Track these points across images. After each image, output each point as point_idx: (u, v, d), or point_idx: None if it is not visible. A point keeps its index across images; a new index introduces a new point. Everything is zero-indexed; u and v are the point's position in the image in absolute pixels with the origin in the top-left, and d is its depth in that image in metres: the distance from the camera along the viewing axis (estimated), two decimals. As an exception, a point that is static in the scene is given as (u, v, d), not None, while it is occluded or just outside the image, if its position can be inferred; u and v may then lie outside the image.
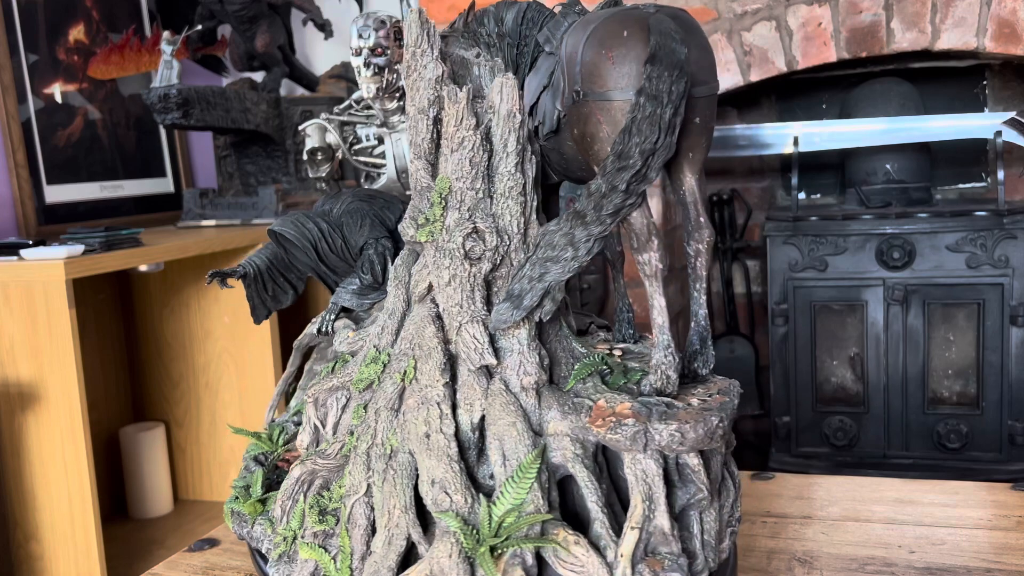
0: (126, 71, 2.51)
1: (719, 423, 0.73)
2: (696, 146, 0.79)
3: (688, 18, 0.78)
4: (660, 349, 0.78)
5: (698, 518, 0.75)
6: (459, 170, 0.79)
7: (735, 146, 2.44)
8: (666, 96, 0.72)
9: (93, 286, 2.28)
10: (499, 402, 0.77)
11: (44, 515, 1.78)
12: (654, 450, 0.73)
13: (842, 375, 2.38)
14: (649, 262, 0.77)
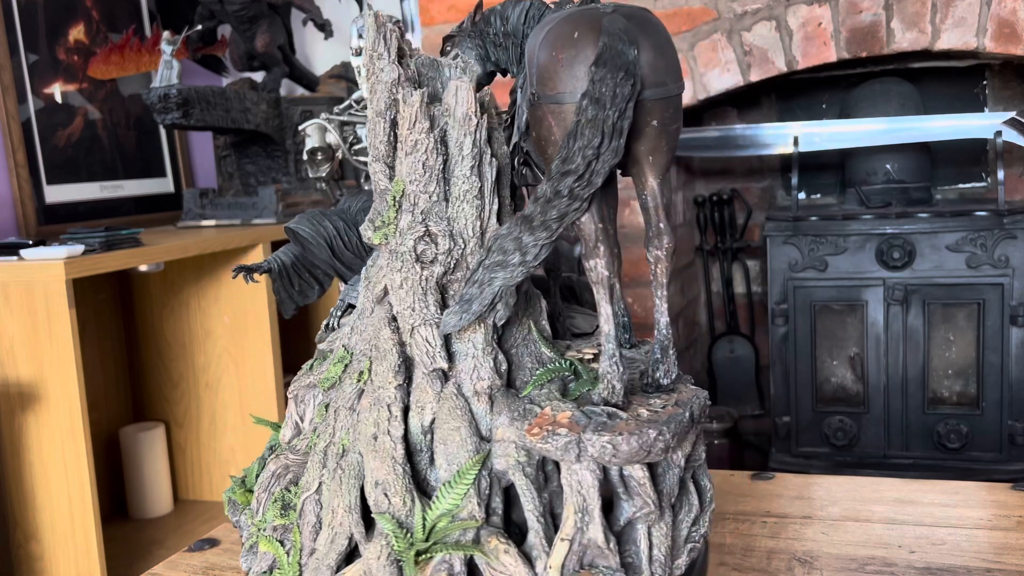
0: (126, 71, 2.51)
1: (657, 436, 0.71)
2: (656, 150, 0.76)
3: (646, 17, 0.77)
4: (605, 358, 0.76)
5: (645, 532, 0.74)
6: (412, 173, 0.78)
7: (735, 146, 2.44)
8: (609, 99, 0.71)
9: (93, 286, 2.28)
10: (448, 406, 0.77)
11: (44, 515, 1.78)
12: (589, 461, 0.72)
13: (842, 375, 2.38)
14: (595, 268, 0.76)
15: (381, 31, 0.80)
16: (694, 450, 0.80)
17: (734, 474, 1.24)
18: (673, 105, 0.76)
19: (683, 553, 0.77)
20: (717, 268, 2.88)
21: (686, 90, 2.37)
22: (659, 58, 0.74)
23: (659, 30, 0.76)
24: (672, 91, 0.75)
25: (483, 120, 0.78)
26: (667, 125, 0.75)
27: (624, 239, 2.59)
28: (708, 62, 2.36)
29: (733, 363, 2.85)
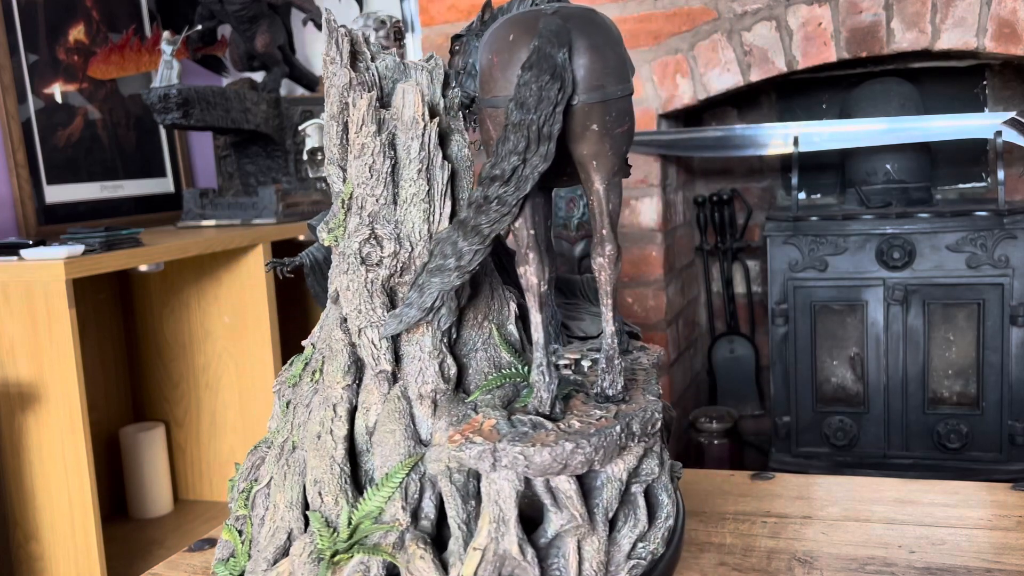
0: (126, 71, 2.51)
1: (575, 449, 0.69)
2: (599, 154, 0.74)
3: (589, 18, 0.74)
4: (534, 367, 0.76)
5: (575, 547, 0.72)
6: (360, 176, 0.79)
7: (735, 146, 2.44)
8: (534, 103, 0.70)
9: (93, 286, 2.28)
10: (388, 408, 0.78)
11: (44, 515, 1.78)
12: (503, 471, 0.71)
13: (842, 375, 2.38)
14: (524, 275, 0.75)
15: (333, 36, 0.80)
16: (642, 463, 0.77)
17: (734, 474, 1.24)
18: (616, 108, 0.73)
19: (623, 570, 0.75)
20: (717, 268, 2.88)
21: (687, 90, 2.38)
22: (597, 60, 0.72)
23: (601, 31, 0.74)
24: (612, 94, 0.73)
25: (432, 124, 0.79)
26: (609, 129, 0.73)
27: (624, 239, 2.58)
28: (708, 62, 2.36)
29: (733, 363, 2.85)
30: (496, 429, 0.71)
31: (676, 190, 2.65)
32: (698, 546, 1.04)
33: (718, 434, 2.61)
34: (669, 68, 2.39)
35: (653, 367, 0.90)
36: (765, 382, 2.81)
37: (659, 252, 2.46)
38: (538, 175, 0.72)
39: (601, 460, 0.71)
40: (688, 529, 1.08)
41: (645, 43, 2.40)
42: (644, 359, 0.91)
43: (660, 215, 2.45)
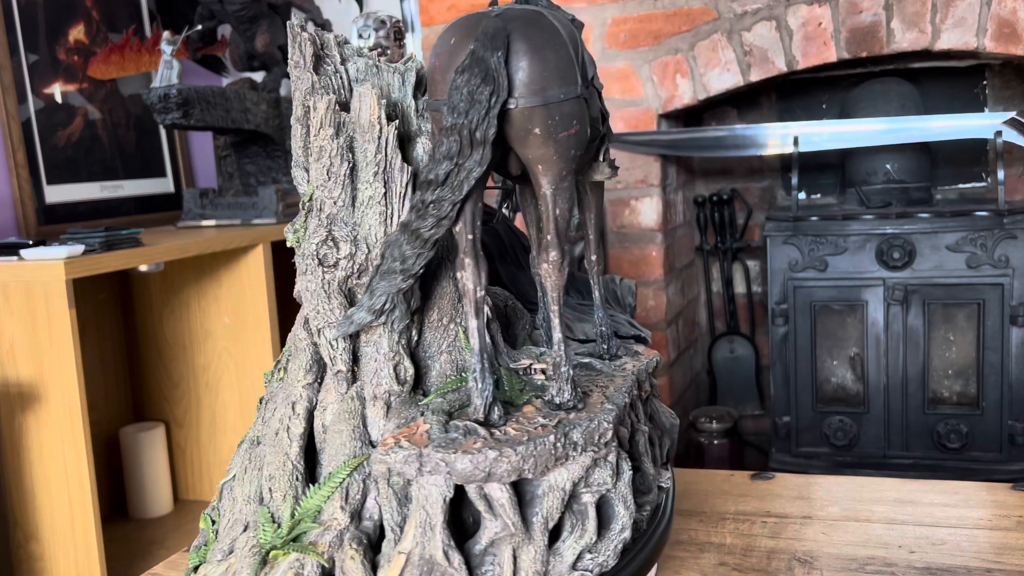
0: (126, 71, 2.51)
1: (499, 458, 0.69)
2: (543, 159, 0.73)
3: (533, 19, 0.74)
4: (469, 374, 0.76)
5: (510, 555, 0.72)
6: (319, 178, 0.80)
7: (735, 146, 2.44)
8: (465, 107, 0.70)
9: (93, 286, 2.28)
10: (341, 408, 0.79)
11: (44, 515, 1.78)
12: (427, 477, 0.71)
13: (842, 375, 2.38)
14: (461, 280, 0.75)
15: (296, 40, 0.81)
16: (592, 473, 0.76)
17: (734, 474, 1.24)
18: (559, 112, 0.72)
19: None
20: (717, 268, 2.88)
21: (687, 90, 2.38)
22: (536, 63, 0.72)
23: (543, 33, 0.73)
24: (552, 98, 0.72)
25: (390, 127, 0.79)
26: (553, 133, 0.72)
27: (624, 239, 2.59)
28: (708, 62, 2.36)
29: (733, 363, 2.85)
30: (427, 434, 0.72)
31: (676, 190, 2.65)
32: (698, 546, 1.04)
33: (718, 434, 2.61)
34: (669, 68, 2.39)
35: (638, 374, 0.89)
36: (765, 382, 2.81)
37: (659, 252, 2.46)
38: (474, 179, 0.71)
39: (533, 469, 0.70)
40: (688, 529, 1.08)
41: (645, 43, 2.40)
42: (630, 366, 0.89)
43: (660, 215, 2.45)
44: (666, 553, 1.03)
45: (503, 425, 0.73)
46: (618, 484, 0.77)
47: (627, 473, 0.78)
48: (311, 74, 0.81)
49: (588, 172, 0.89)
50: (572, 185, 0.75)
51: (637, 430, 0.86)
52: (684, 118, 2.65)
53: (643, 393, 0.91)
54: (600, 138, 0.87)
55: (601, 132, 0.86)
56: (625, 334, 1.02)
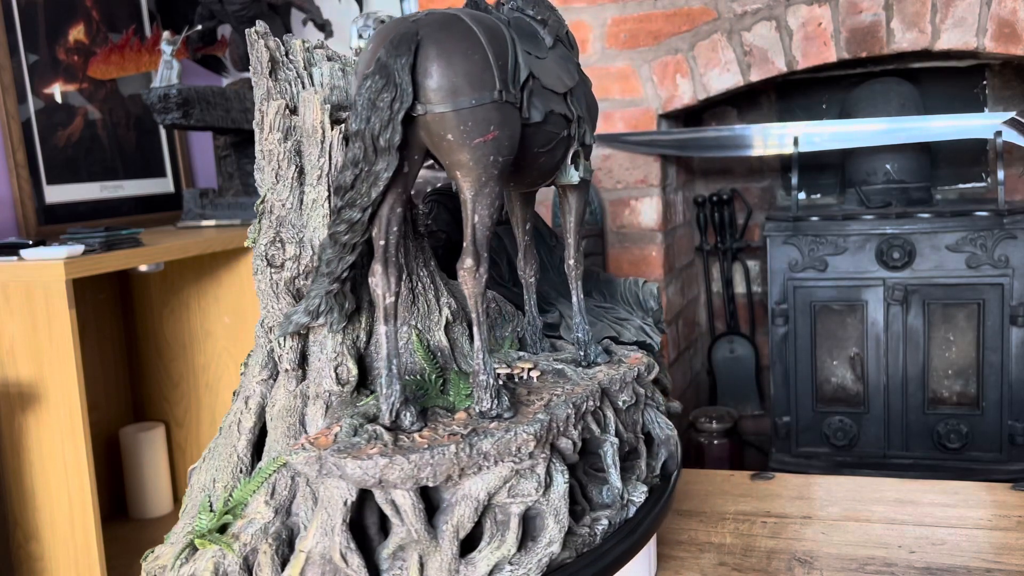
0: (126, 71, 2.51)
1: (388, 465, 0.69)
2: (460, 165, 0.73)
3: (445, 24, 0.73)
4: (377, 379, 0.76)
5: (416, 561, 0.72)
6: (268, 181, 0.83)
7: (735, 146, 2.44)
8: (366, 113, 0.70)
9: (93, 286, 2.28)
10: (283, 405, 0.81)
11: (44, 515, 1.78)
12: (333, 479, 0.72)
13: (842, 375, 2.37)
14: (371, 285, 0.76)
15: (254, 48, 0.84)
16: (518, 484, 0.75)
17: (734, 474, 1.24)
18: (473, 118, 0.72)
19: None
20: (717, 268, 2.88)
21: (687, 90, 2.38)
22: (447, 68, 0.71)
23: (456, 39, 0.73)
24: (463, 104, 0.71)
25: (335, 131, 0.81)
26: (467, 139, 0.72)
27: (624, 239, 2.59)
28: (708, 62, 2.36)
29: (733, 363, 2.85)
30: (335, 437, 0.72)
31: (676, 190, 2.65)
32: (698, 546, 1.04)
33: (718, 434, 2.61)
34: (669, 68, 2.39)
35: (611, 383, 0.87)
36: (765, 382, 2.81)
37: (659, 252, 2.46)
38: (383, 185, 0.72)
39: (432, 477, 0.70)
40: (688, 529, 1.08)
41: (645, 43, 2.40)
42: (603, 374, 0.88)
43: (660, 215, 2.45)
44: (666, 553, 1.03)
45: (417, 431, 0.74)
46: (549, 496, 0.76)
47: (561, 485, 0.77)
48: (267, 79, 0.84)
49: (557, 176, 0.88)
50: (496, 192, 0.75)
51: (604, 440, 0.85)
52: (684, 118, 2.65)
53: (622, 403, 0.89)
54: (569, 141, 0.86)
55: (564, 135, 0.84)
56: (628, 340, 1.01)
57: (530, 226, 0.94)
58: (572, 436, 0.80)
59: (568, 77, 0.86)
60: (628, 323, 1.04)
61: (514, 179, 0.85)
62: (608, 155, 2.46)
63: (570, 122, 0.85)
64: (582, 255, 0.94)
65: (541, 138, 0.81)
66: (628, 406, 0.90)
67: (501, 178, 0.75)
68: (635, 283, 1.11)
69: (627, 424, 0.91)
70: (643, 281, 1.11)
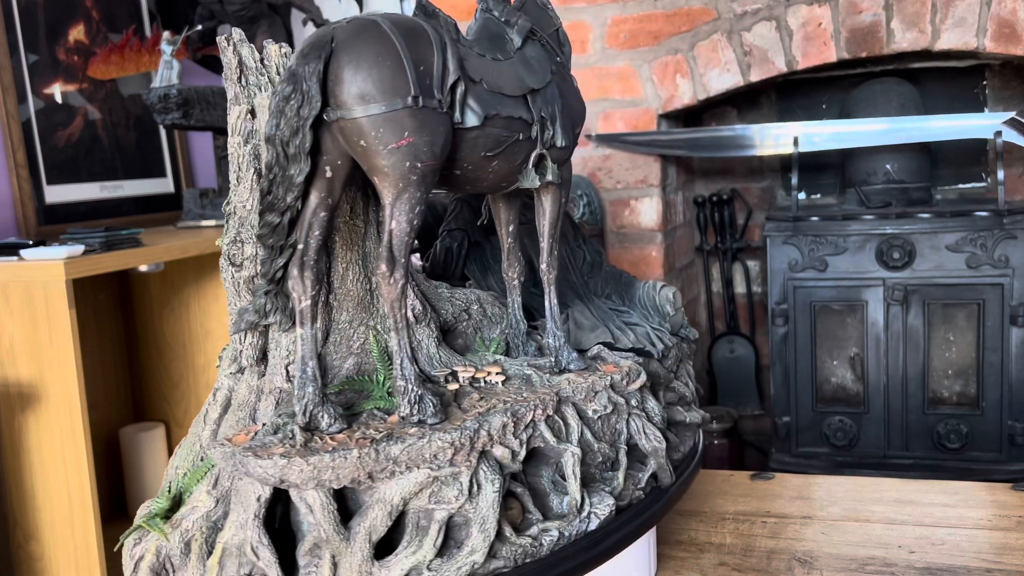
0: (126, 71, 2.51)
1: (288, 465, 0.71)
2: (376, 170, 0.74)
3: (360, 30, 0.74)
4: (295, 380, 0.77)
5: (330, 560, 0.74)
6: (231, 182, 0.86)
7: (735, 146, 2.44)
8: (276, 120, 0.72)
9: (93, 286, 2.28)
10: (239, 399, 0.84)
11: (44, 515, 1.77)
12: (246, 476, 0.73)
13: (842, 375, 2.37)
14: (288, 286, 0.77)
15: (224, 54, 0.85)
16: (440, 491, 0.76)
17: (734, 474, 1.24)
18: (385, 124, 0.72)
19: None
20: (717, 268, 2.88)
21: (687, 90, 2.38)
22: (356, 74, 0.72)
23: (369, 44, 0.73)
24: (376, 109, 0.72)
25: None
26: (382, 144, 0.72)
27: (624, 239, 2.58)
28: (708, 62, 2.36)
29: (733, 363, 2.85)
30: (255, 434, 0.75)
31: (676, 190, 2.65)
32: (698, 546, 1.04)
33: (718, 434, 2.61)
34: (669, 68, 2.39)
35: (575, 392, 0.86)
36: (765, 382, 2.81)
37: (659, 252, 2.46)
38: (297, 190, 0.73)
39: (334, 479, 0.71)
40: (688, 529, 1.08)
41: (645, 43, 2.40)
42: (566, 383, 0.87)
43: (660, 215, 2.45)
44: (666, 553, 1.03)
45: (336, 432, 0.75)
46: (477, 504, 0.76)
47: (490, 494, 0.76)
48: (235, 85, 0.85)
49: (519, 179, 0.87)
50: (417, 197, 0.75)
51: (564, 450, 0.84)
52: (684, 118, 2.65)
53: (593, 412, 0.88)
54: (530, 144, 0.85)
55: (519, 138, 0.83)
56: (625, 346, 0.98)
57: (513, 228, 0.93)
58: (511, 444, 0.79)
59: (533, 78, 0.85)
60: (635, 328, 1.02)
61: (469, 184, 0.85)
62: (608, 155, 2.46)
63: (529, 125, 0.84)
64: (556, 260, 0.93)
65: (486, 142, 0.80)
66: (602, 415, 0.89)
67: (422, 184, 0.75)
68: (652, 287, 1.09)
69: (600, 434, 0.88)
70: (661, 285, 1.08)
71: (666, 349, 1.02)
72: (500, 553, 0.76)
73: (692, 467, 1.00)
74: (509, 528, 0.77)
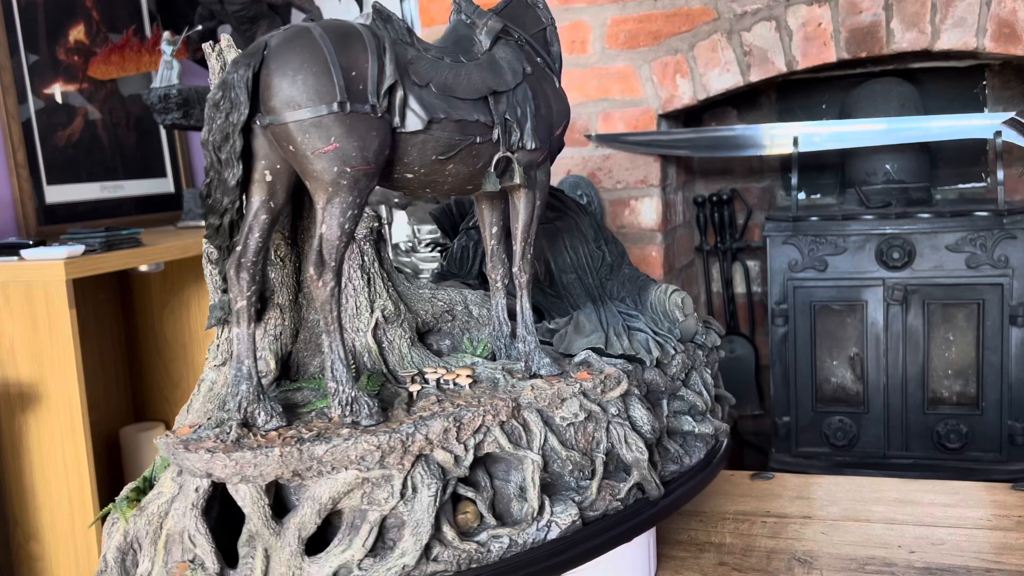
0: (126, 71, 2.51)
1: (211, 460, 0.74)
2: (307, 175, 0.75)
3: (291, 37, 0.75)
4: (229, 378, 0.79)
5: (263, 554, 0.75)
6: None
7: (735, 146, 2.44)
8: (208, 125, 0.74)
9: (93, 286, 2.28)
10: (211, 392, 0.87)
11: (44, 515, 1.78)
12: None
13: (842, 375, 2.37)
14: (229, 291, 0.79)
15: (208, 58, 0.87)
16: (373, 492, 0.76)
17: (734, 474, 1.24)
18: (312, 129, 0.73)
19: None
20: (717, 268, 2.88)
21: (687, 90, 2.38)
22: (282, 81, 0.73)
23: (299, 51, 0.74)
24: (302, 115, 0.73)
25: None
26: (308, 150, 0.73)
27: (624, 239, 2.58)
28: (708, 62, 2.36)
29: (733, 363, 2.85)
30: (198, 427, 0.78)
31: (676, 190, 2.65)
32: (698, 546, 1.04)
33: (718, 434, 2.60)
34: (669, 68, 2.39)
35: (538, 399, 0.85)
36: (765, 382, 2.81)
37: (659, 252, 2.46)
38: (233, 193, 0.75)
39: (258, 476, 0.74)
40: (688, 529, 1.08)
41: (645, 43, 2.40)
42: (528, 390, 0.86)
43: (660, 215, 2.45)
44: (666, 553, 1.03)
45: (273, 429, 0.77)
46: (413, 507, 0.76)
47: (426, 498, 0.76)
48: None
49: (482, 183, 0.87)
50: (349, 202, 0.76)
51: (524, 457, 0.83)
52: (684, 118, 2.65)
53: (561, 419, 0.86)
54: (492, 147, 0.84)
55: (475, 141, 0.83)
56: (615, 353, 0.95)
57: (496, 230, 0.93)
58: (454, 449, 0.79)
59: (498, 80, 0.85)
60: (636, 334, 1.00)
61: (428, 187, 0.85)
62: (608, 155, 2.46)
63: (490, 128, 0.84)
64: (528, 263, 0.92)
65: (435, 146, 0.80)
66: (573, 423, 0.87)
67: (354, 189, 0.76)
68: (664, 292, 1.05)
69: (571, 442, 0.87)
70: (672, 290, 1.05)
71: (664, 357, 0.98)
72: (441, 557, 0.77)
73: (696, 480, 0.96)
74: (452, 532, 0.77)
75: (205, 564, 0.76)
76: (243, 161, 0.75)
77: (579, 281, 1.07)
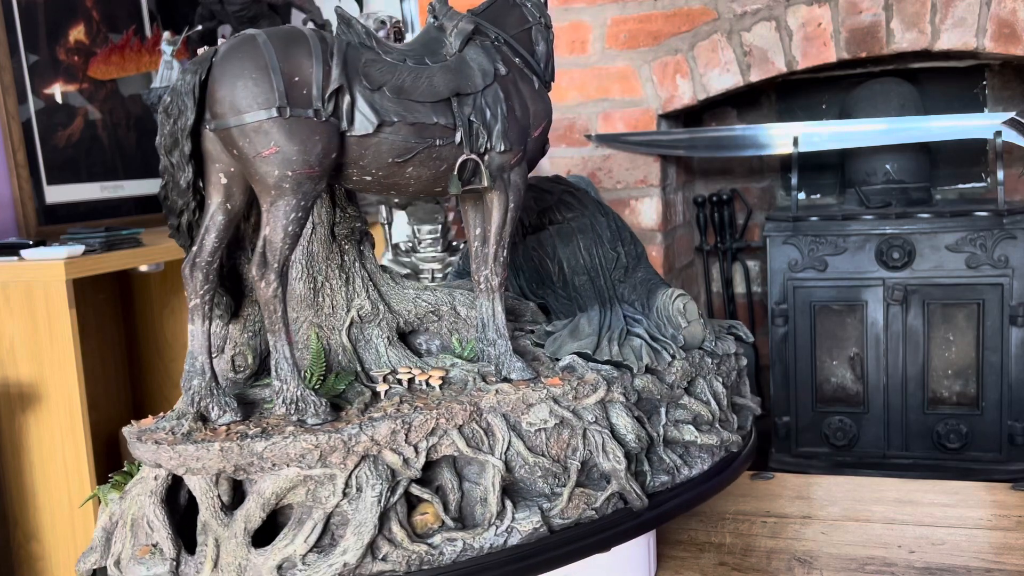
0: (126, 71, 2.51)
1: (155, 451, 0.77)
2: (252, 177, 0.77)
3: (238, 43, 0.77)
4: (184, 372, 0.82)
5: (214, 543, 0.78)
6: None
7: (735, 146, 2.44)
8: (159, 130, 0.78)
9: (93, 286, 2.28)
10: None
11: (44, 515, 1.78)
12: None
13: (842, 375, 2.37)
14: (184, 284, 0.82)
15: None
16: (317, 489, 0.77)
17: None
18: (252, 134, 0.75)
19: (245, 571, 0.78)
20: (717, 268, 2.88)
21: (687, 90, 2.38)
22: (224, 87, 0.76)
23: (244, 57, 0.76)
24: (243, 120, 0.75)
25: None
26: (250, 154, 0.75)
27: (624, 239, 2.56)
28: (708, 62, 2.36)
29: (733, 363, 2.85)
30: (159, 418, 0.83)
31: (676, 190, 2.65)
32: (698, 546, 1.04)
33: (718, 434, 2.60)
34: (669, 68, 2.39)
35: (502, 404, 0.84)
36: (765, 382, 2.81)
37: (659, 252, 2.46)
38: (187, 195, 0.78)
39: (201, 468, 0.76)
40: (688, 529, 1.08)
41: (645, 43, 2.40)
42: (492, 395, 0.85)
43: (660, 215, 2.45)
44: (666, 553, 1.03)
45: (225, 424, 0.80)
46: (356, 507, 0.77)
47: (369, 498, 0.77)
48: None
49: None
50: (293, 205, 0.77)
51: (485, 462, 0.82)
52: (684, 118, 2.65)
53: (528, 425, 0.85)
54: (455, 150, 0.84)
55: (435, 144, 0.82)
56: (601, 359, 0.93)
57: (480, 231, 0.91)
58: (402, 451, 0.79)
59: (465, 83, 0.84)
60: (630, 340, 0.97)
61: (391, 189, 0.85)
62: (608, 155, 2.46)
63: (452, 130, 0.83)
64: (501, 267, 0.91)
65: (391, 149, 0.80)
66: (542, 429, 0.86)
67: (298, 192, 0.77)
68: (669, 296, 1.02)
69: (541, 448, 0.85)
70: (676, 295, 1.02)
71: (659, 364, 0.95)
72: (390, 557, 0.77)
73: (692, 493, 0.94)
74: (403, 532, 0.78)
75: (163, 549, 0.79)
76: (197, 164, 0.78)
77: (591, 283, 1.06)
